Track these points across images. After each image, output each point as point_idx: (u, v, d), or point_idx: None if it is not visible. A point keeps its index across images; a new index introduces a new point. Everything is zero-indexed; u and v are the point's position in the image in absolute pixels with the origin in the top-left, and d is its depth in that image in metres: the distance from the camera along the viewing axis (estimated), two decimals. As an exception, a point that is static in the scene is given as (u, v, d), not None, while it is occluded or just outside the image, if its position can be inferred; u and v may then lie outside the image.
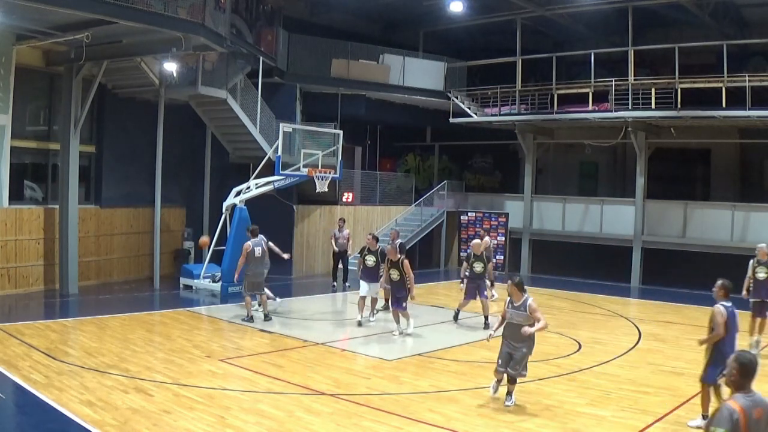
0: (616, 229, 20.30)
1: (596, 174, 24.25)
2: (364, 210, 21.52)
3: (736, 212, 18.36)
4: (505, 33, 21.80)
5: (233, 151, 19.64)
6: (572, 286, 18.50)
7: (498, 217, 22.77)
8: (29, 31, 13.82)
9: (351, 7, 21.35)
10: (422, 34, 23.49)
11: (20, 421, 7.33)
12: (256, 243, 12.95)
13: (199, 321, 13.32)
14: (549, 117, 20.37)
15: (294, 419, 7.41)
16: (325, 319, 14.17)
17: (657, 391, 8.80)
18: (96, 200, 17.42)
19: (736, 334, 7.49)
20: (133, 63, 15.79)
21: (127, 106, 17.64)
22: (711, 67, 17.97)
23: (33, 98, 16.08)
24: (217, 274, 16.08)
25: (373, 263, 12.77)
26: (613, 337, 12.22)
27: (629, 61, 18.75)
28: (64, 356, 9.70)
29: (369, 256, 12.80)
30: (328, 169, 16.51)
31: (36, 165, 16.39)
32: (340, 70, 20.89)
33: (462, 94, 22.16)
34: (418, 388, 8.83)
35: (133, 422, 7.06)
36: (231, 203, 16.29)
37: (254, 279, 12.90)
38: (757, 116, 16.83)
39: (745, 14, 19.63)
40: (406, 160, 26.68)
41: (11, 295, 14.72)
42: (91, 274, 16.79)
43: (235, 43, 15.92)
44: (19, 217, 15.21)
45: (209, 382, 8.74)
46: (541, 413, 7.87)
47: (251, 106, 18.27)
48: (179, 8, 13.06)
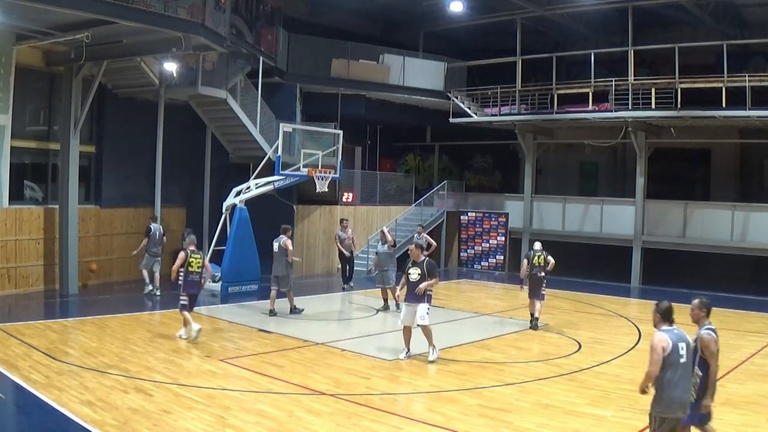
0: (616, 229, 20.30)
1: (596, 174, 24.26)
2: (364, 210, 21.52)
3: (736, 212, 18.35)
4: (505, 33, 21.81)
5: (233, 151, 19.65)
6: (572, 286, 18.49)
7: (498, 217, 22.78)
8: (29, 31, 13.82)
9: (351, 7, 21.36)
10: (422, 34, 23.50)
11: (20, 421, 7.33)
12: (276, 239, 13.49)
13: (199, 321, 13.28)
14: (549, 117, 20.37)
15: (294, 419, 7.41)
16: (326, 319, 14.16)
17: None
18: (96, 200, 17.41)
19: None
20: (133, 63, 15.81)
21: (127, 106, 17.64)
22: (711, 67, 17.97)
23: (33, 98, 16.07)
24: (217, 274, 16.07)
25: (418, 277, 10.43)
26: (613, 337, 12.21)
27: (629, 61, 18.75)
28: (64, 356, 9.70)
29: (413, 269, 10.54)
30: (328, 169, 16.51)
31: (36, 165, 16.38)
32: (340, 70, 20.89)
33: (462, 94, 22.16)
34: (418, 388, 8.83)
35: (133, 422, 7.05)
36: (231, 203, 16.30)
37: (273, 273, 13.50)
38: (757, 116, 16.83)
39: (745, 14, 19.63)
40: (406, 160, 26.69)
41: (11, 295, 14.72)
42: (91, 274, 16.78)
43: (235, 43, 15.92)
44: (19, 217, 15.21)
45: (209, 382, 8.74)
46: (541, 413, 7.87)
47: (251, 106, 18.28)
48: (179, 8, 13.06)
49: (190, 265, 11.05)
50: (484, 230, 22.95)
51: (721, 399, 8.40)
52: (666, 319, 5.99)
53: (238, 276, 16.01)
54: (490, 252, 22.80)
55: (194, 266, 11.08)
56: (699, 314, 6.23)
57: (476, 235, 23.10)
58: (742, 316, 14.81)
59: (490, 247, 22.79)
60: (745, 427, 7.44)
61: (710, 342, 6.01)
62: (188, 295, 11.14)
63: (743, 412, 7.95)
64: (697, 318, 6.24)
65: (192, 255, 11.09)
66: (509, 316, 14.29)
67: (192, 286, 11.17)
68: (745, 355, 10.98)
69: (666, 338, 5.82)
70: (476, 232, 23.15)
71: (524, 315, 14.34)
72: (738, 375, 9.71)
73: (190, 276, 11.09)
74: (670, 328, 5.94)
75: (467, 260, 23.30)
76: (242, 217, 16.05)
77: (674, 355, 5.79)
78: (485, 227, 22.95)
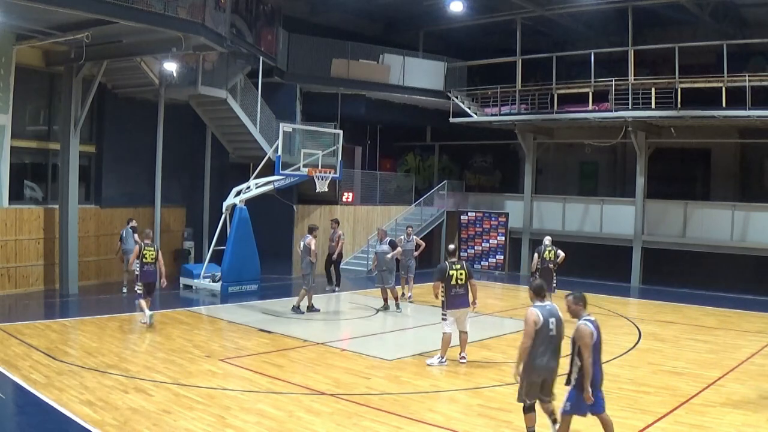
0: (616, 228, 20.30)
1: (596, 174, 24.25)
2: (364, 210, 21.52)
3: (736, 212, 18.35)
4: (505, 33, 21.79)
5: (233, 151, 19.65)
6: (572, 286, 18.40)
7: (498, 216, 22.78)
8: (29, 31, 13.83)
9: (351, 7, 21.34)
10: (422, 34, 23.49)
11: (20, 421, 7.33)
12: (302, 238, 13.86)
13: (199, 321, 13.32)
14: (549, 117, 20.36)
15: (294, 419, 7.41)
16: (325, 319, 14.15)
17: (657, 390, 8.79)
18: (96, 200, 17.42)
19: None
20: (133, 63, 15.81)
21: (127, 106, 17.64)
22: (711, 67, 17.96)
23: (33, 98, 16.08)
24: (217, 274, 16.08)
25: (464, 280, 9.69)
26: (613, 337, 12.19)
27: (629, 61, 18.74)
28: (64, 356, 9.70)
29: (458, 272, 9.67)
30: (328, 168, 16.50)
31: (36, 165, 16.39)
32: (340, 70, 20.89)
33: (462, 94, 22.15)
34: (418, 388, 8.83)
35: (133, 422, 7.05)
36: (231, 203, 16.30)
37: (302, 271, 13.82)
38: (757, 116, 16.83)
39: (745, 14, 19.62)
40: (406, 160, 26.68)
41: (11, 295, 14.72)
42: (91, 274, 16.80)
43: (235, 43, 15.91)
44: (19, 217, 15.21)
45: (209, 382, 8.74)
46: (541, 413, 7.85)
47: (251, 106, 18.28)
48: (179, 8, 13.05)
49: (144, 257, 12.14)
50: (484, 230, 22.95)
51: (721, 399, 8.44)
52: (538, 296, 6.68)
53: (238, 276, 16.00)
54: (490, 252, 22.80)
55: (148, 258, 12.17)
56: (576, 308, 6.38)
57: (476, 235, 23.10)
58: (742, 316, 14.82)
59: (490, 247, 22.79)
60: (745, 427, 7.43)
61: (585, 334, 6.15)
62: (143, 284, 12.19)
63: (743, 412, 7.94)
64: (575, 312, 6.38)
65: (146, 248, 12.19)
66: (509, 315, 14.28)
67: (147, 276, 12.21)
68: (745, 355, 10.98)
69: (537, 313, 6.50)
70: (476, 232, 23.15)
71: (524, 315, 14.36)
72: (738, 375, 9.71)
73: (145, 267, 12.18)
74: (542, 304, 6.63)
75: (467, 260, 23.25)
76: (242, 217, 16.05)
77: (544, 329, 6.47)
78: (485, 227, 22.95)
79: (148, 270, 12.17)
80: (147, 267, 12.16)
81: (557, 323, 6.55)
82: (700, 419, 7.61)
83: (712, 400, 8.28)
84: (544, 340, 6.46)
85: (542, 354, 6.46)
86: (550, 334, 6.49)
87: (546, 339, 6.47)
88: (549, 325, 6.49)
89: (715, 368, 10.00)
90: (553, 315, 6.54)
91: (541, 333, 6.46)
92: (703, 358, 10.68)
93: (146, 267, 12.16)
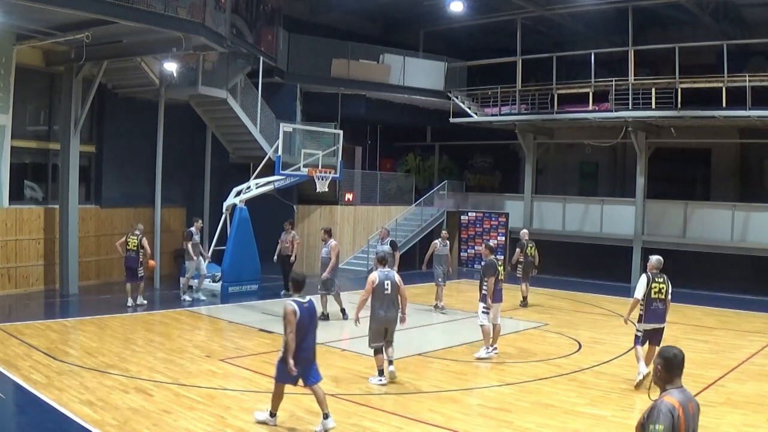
0: (616, 229, 20.30)
1: (596, 174, 24.25)
2: (364, 210, 21.52)
3: (736, 212, 18.35)
4: (505, 33, 21.80)
5: (233, 151, 19.65)
6: (572, 286, 18.49)
7: (498, 217, 22.79)
8: (29, 31, 13.82)
9: (351, 7, 21.35)
10: (422, 34, 23.49)
11: (20, 421, 7.34)
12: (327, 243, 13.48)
13: (199, 321, 13.32)
14: (549, 117, 20.37)
15: (294, 419, 7.41)
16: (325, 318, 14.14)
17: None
18: (96, 200, 17.42)
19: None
20: (133, 63, 15.80)
21: (127, 106, 17.65)
22: (711, 67, 17.96)
23: (33, 98, 16.08)
24: (217, 274, 16.08)
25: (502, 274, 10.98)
26: (613, 337, 12.20)
27: (629, 61, 18.74)
28: (64, 356, 9.70)
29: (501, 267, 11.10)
30: (328, 169, 16.51)
31: (36, 165, 16.40)
32: (340, 70, 20.89)
33: (462, 94, 22.15)
34: (418, 388, 8.83)
35: (133, 422, 7.06)
36: (231, 203, 16.30)
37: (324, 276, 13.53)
38: (757, 116, 16.83)
39: (745, 14, 19.63)
40: (406, 160, 26.68)
41: (11, 295, 14.72)
42: (91, 274, 16.80)
43: (235, 43, 15.92)
44: (19, 217, 15.21)
45: (209, 382, 8.74)
46: (541, 413, 7.87)
47: (251, 106, 18.28)
48: (179, 8, 13.05)
49: (127, 243, 13.86)
50: (485, 230, 22.95)
51: (721, 399, 8.44)
52: (381, 263, 8.93)
53: (239, 276, 16.00)
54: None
55: (130, 245, 13.81)
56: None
57: (476, 235, 23.10)
58: (742, 316, 14.82)
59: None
60: (745, 427, 7.43)
61: (287, 312, 6.84)
62: (126, 268, 13.88)
63: (743, 412, 7.95)
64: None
65: (130, 236, 13.91)
66: (509, 315, 14.28)
67: (128, 261, 13.81)
68: (745, 355, 10.99)
69: (376, 275, 8.75)
70: (476, 232, 23.16)
71: (524, 315, 14.39)
72: (738, 375, 9.72)
73: (127, 252, 13.86)
74: (383, 270, 8.84)
75: (467, 260, 23.30)
76: (242, 217, 16.05)
77: (380, 288, 8.68)
78: (485, 227, 22.96)
79: (130, 256, 13.75)
80: (129, 253, 13.78)
81: (391, 284, 8.72)
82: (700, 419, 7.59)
83: (712, 400, 8.28)
84: (381, 297, 8.66)
85: (383, 307, 8.68)
86: (386, 292, 8.69)
87: (383, 296, 8.68)
88: (384, 285, 8.69)
89: (715, 368, 10.01)
90: (389, 278, 8.75)
91: (378, 290, 8.66)
92: (703, 358, 10.68)
93: (128, 253, 13.80)
